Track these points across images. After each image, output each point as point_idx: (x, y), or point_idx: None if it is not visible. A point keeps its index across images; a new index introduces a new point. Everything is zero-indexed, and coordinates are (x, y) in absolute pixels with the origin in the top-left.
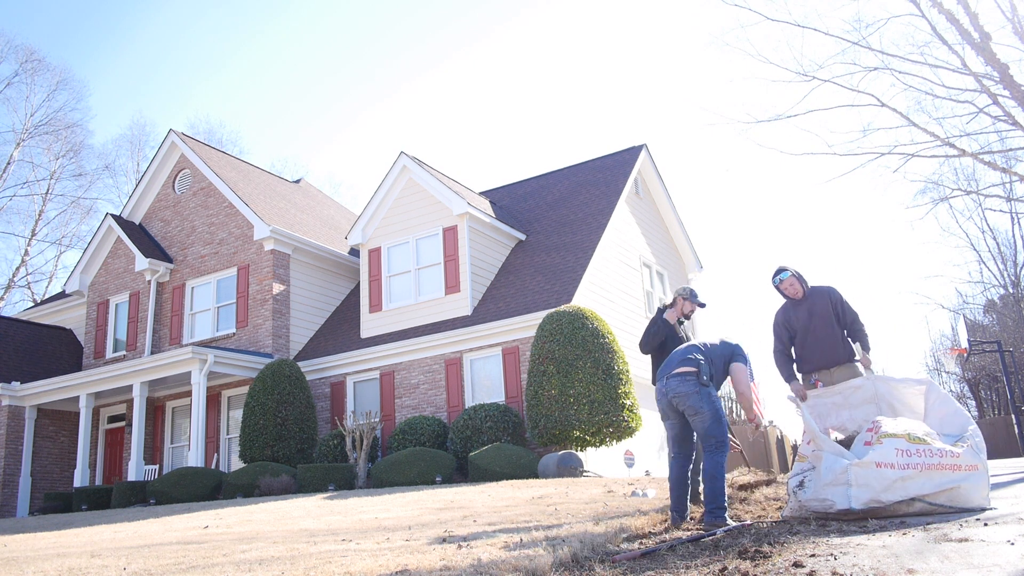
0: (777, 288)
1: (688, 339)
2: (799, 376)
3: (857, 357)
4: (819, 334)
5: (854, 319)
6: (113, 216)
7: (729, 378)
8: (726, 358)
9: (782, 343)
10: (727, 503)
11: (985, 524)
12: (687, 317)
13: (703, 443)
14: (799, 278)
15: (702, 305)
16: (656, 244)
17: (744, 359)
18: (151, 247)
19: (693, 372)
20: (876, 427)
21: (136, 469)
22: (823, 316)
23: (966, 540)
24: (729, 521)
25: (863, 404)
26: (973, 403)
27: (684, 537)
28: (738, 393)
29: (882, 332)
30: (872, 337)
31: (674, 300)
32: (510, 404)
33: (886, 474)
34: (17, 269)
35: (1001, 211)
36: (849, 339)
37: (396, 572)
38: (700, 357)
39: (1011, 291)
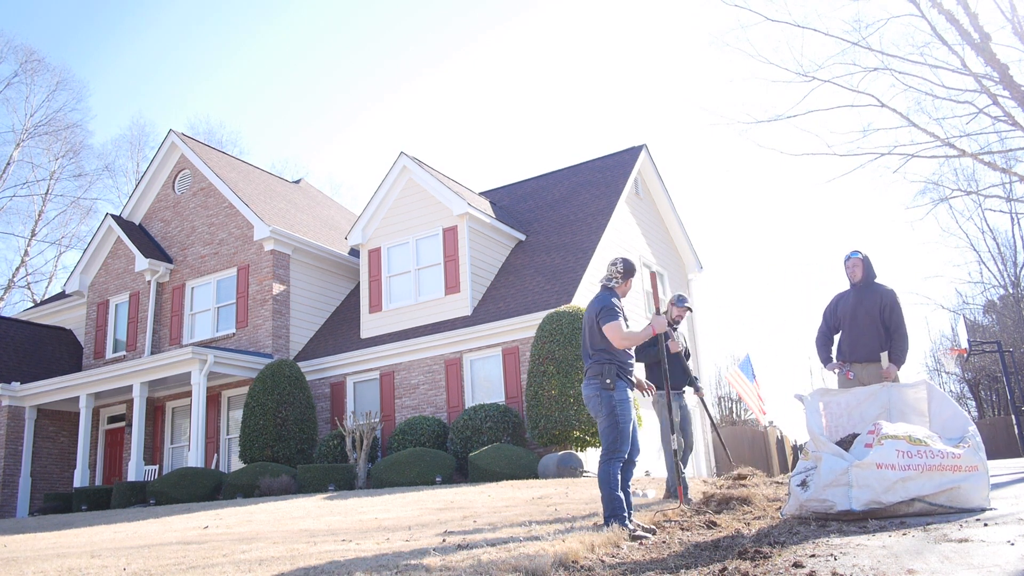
0: (845, 266)
1: (684, 343)
2: (835, 362)
3: (883, 363)
4: (859, 328)
5: (896, 328)
6: (113, 216)
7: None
8: (597, 328)
9: (827, 327)
10: (628, 512)
11: (985, 524)
12: (676, 322)
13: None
14: (864, 264)
15: (689, 310)
16: (656, 244)
17: (608, 317)
18: (151, 247)
19: (597, 375)
20: (877, 429)
21: (136, 469)
22: (868, 311)
23: (966, 540)
24: (628, 527)
25: (874, 410)
26: (973, 403)
27: (687, 539)
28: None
29: None
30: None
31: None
32: (510, 404)
33: (887, 475)
34: (17, 269)
35: (1001, 211)
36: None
37: (396, 572)
38: (600, 353)
39: (1011, 291)
